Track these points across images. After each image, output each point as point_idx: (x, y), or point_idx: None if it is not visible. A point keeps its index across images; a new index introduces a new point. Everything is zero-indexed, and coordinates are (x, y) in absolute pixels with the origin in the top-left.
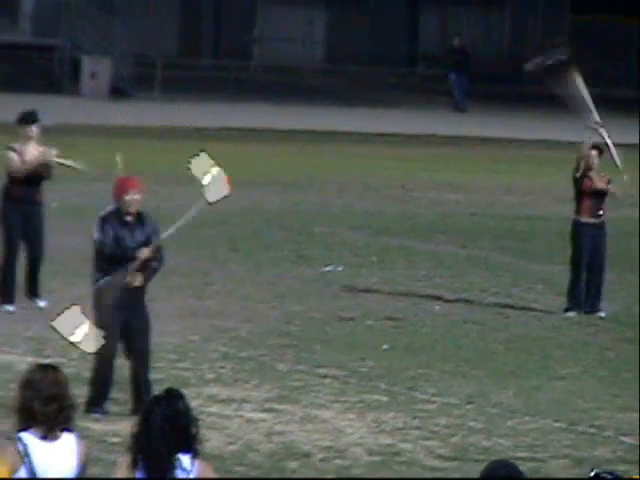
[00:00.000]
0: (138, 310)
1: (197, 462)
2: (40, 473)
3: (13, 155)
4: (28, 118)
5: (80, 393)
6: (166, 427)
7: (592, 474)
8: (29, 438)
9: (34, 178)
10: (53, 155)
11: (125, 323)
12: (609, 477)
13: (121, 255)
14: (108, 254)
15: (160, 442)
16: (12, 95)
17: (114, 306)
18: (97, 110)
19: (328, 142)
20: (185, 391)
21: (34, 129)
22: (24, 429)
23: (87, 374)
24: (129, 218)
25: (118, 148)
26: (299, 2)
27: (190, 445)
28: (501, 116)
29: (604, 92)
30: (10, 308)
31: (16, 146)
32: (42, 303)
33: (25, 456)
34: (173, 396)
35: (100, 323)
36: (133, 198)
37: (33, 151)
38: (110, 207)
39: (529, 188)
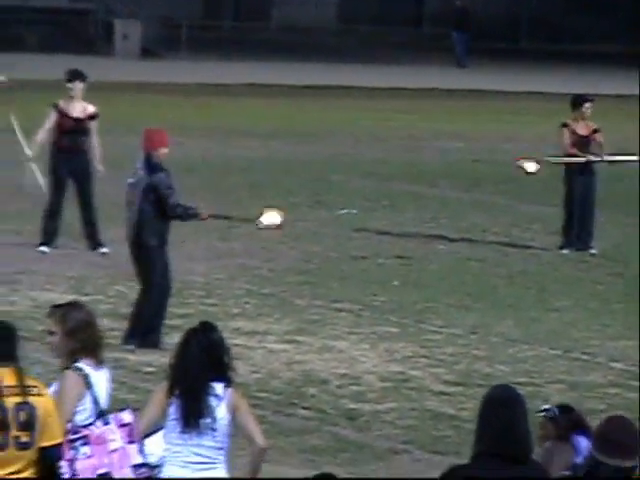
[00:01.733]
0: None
1: (229, 390)
2: (99, 399)
3: (53, 112)
4: (73, 75)
5: (118, 327)
6: (203, 356)
7: (546, 407)
8: (87, 368)
9: (80, 130)
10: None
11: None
12: (555, 410)
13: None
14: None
15: (196, 370)
16: (52, 56)
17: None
18: (129, 69)
19: (341, 97)
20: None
21: (78, 86)
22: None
23: (123, 310)
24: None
25: (149, 103)
26: None
27: (224, 373)
28: (500, 71)
29: (595, 48)
30: (45, 249)
31: (60, 102)
32: (104, 249)
33: (88, 384)
34: (208, 328)
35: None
36: (164, 153)
37: (79, 107)
38: (144, 161)
39: (526, 136)
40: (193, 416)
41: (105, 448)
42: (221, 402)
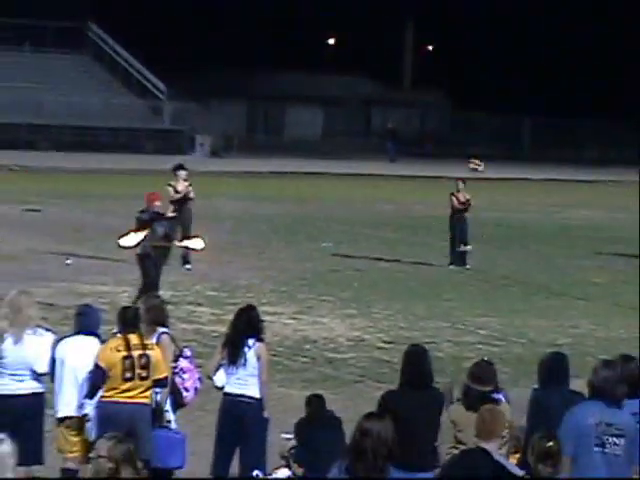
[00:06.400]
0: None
1: (257, 343)
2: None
3: (170, 189)
4: (179, 166)
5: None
6: (244, 322)
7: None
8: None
9: (183, 200)
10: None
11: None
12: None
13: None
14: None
15: (239, 330)
16: (160, 156)
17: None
18: (204, 163)
19: (324, 178)
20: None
21: (181, 173)
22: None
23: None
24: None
25: (216, 183)
26: (317, 104)
27: (257, 333)
28: (421, 165)
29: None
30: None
31: (172, 183)
32: (189, 266)
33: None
34: (250, 307)
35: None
36: (158, 205)
37: (183, 185)
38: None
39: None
40: (234, 356)
41: (190, 372)
42: (251, 349)
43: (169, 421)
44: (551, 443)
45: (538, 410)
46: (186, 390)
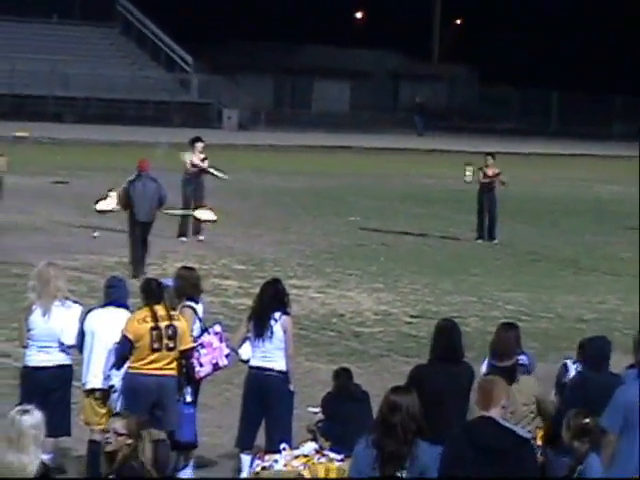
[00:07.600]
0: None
1: (283, 317)
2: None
3: (186, 160)
4: (196, 139)
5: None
6: (271, 295)
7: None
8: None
9: (198, 173)
10: (207, 166)
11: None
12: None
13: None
14: None
15: (265, 304)
16: (187, 129)
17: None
18: (232, 136)
19: (351, 152)
20: None
21: (198, 145)
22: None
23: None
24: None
25: (244, 155)
26: (345, 78)
27: (284, 307)
28: (446, 138)
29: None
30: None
31: (187, 154)
32: (202, 237)
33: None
34: (276, 280)
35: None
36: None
37: (199, 157)
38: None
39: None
40: (260, 329)
41: (211, 347)
42: (277, 322)
43: (182, 395)
44: (587, 420)
45: (585, 391)
46: (200, 365)
